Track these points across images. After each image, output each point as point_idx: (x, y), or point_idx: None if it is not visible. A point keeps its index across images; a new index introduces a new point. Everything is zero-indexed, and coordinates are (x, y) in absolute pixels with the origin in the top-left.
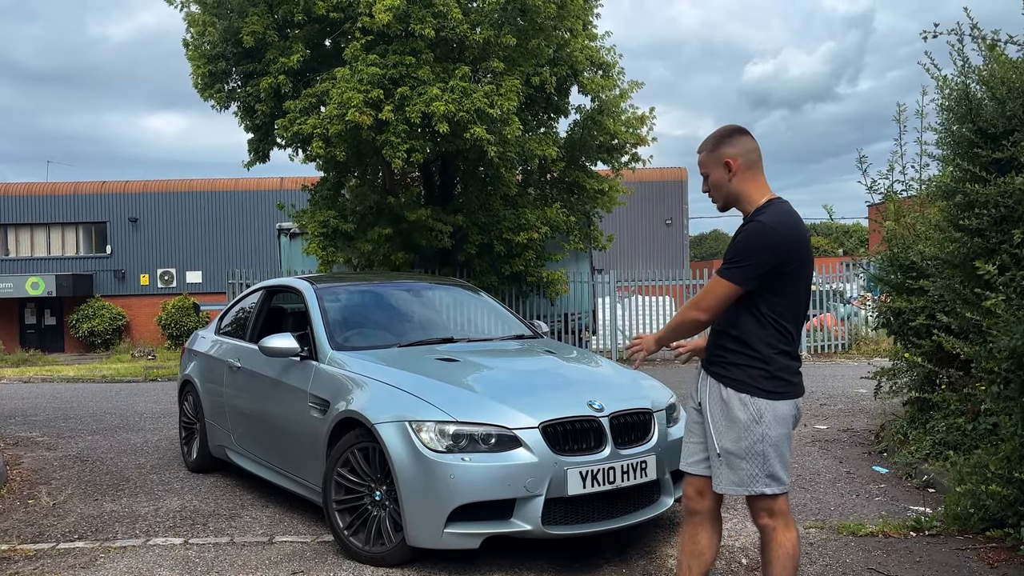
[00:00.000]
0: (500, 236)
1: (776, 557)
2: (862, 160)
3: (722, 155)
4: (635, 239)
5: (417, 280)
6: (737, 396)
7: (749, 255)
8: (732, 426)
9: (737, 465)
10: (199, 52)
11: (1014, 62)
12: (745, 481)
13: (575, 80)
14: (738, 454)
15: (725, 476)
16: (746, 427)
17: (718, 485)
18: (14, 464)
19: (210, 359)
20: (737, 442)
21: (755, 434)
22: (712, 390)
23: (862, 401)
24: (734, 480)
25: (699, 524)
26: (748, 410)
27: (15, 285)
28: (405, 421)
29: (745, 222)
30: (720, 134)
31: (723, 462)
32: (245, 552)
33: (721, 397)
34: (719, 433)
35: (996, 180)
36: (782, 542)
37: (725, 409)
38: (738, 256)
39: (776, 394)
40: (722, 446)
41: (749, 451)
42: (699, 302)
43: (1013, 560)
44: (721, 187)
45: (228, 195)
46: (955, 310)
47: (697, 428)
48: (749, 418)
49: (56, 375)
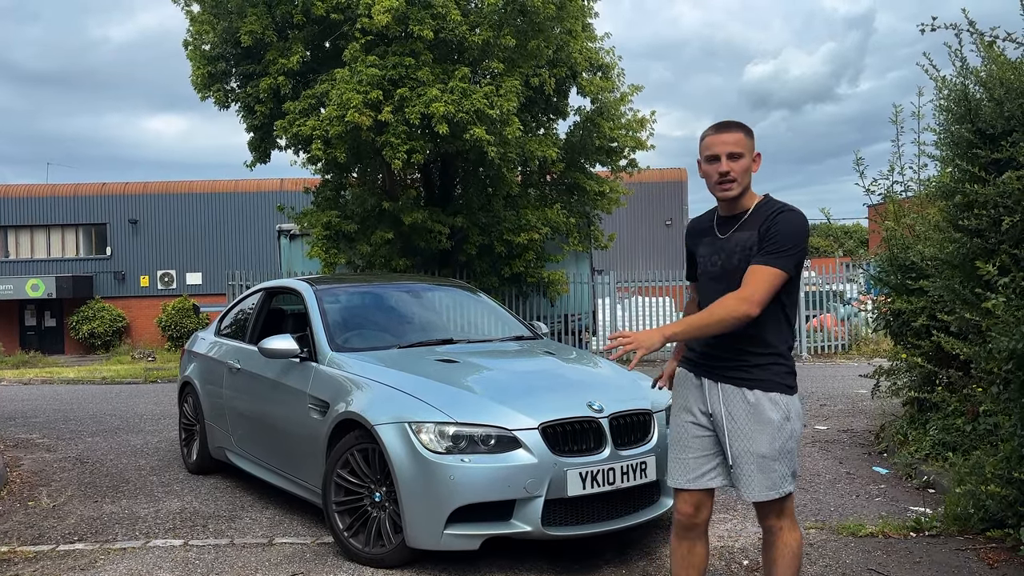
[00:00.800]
0: (500, 237)
1: (781, 556)
2: (859, 162)
3: (755, 145)
4: (635, 240)
5: (416, 281)
6: (767, 396)
7: (797, 243)
8: (764, 428)
9: (771, 468)
10: (199, 52)
11: (1012, 63)
12: (777, 483)
13: (574, 81)
14: (772, 456)
15: (758, 482)
16: (779, 427)
17: (751, 493)
18: (14, 466)
19: (210, 361)
20: (771, 444)
21: (786, 432)
22: (731, 396)
23: (862, 402)
24: (767, 484)
25: (696, 538)
26: (780, 408)
27: (15, 287)
28: (405, 422)
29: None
30: (750, 127)
31: (756, 468)
32: (245, 554)
33: (747, 401)
34: (750, 439)
35: (995, 180)
36: (788, 542)
37: (755, 412)
38: (788, 244)
39: (794, 389)
40: (756, 451)
41: (782, 451)
42: (751, 295)
43: (1013, 560)
44: (747, 173)
45: (228, 197)
46: (955, 310)
47: (698, 443)
48: (782, 416)
49: (56, 377)
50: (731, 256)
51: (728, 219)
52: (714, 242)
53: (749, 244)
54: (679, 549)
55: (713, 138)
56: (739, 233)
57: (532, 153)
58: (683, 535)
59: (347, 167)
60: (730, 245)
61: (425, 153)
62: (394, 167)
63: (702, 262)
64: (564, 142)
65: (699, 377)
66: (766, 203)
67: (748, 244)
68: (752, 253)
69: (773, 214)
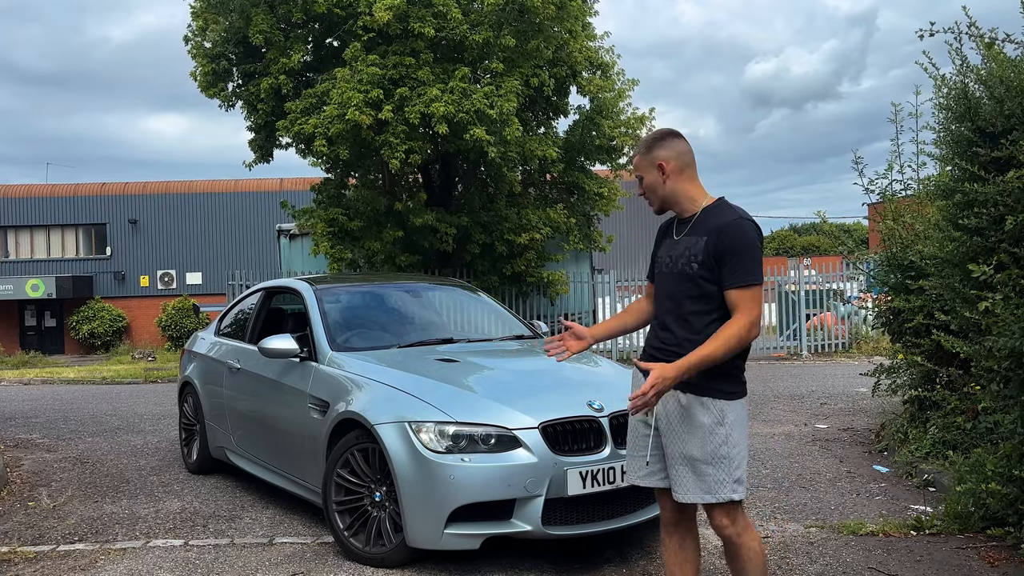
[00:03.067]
0: (502, 237)
1: (748, 560)
2: (857, 161)
3: (655, 158)
4: (635, 239)
5: (416, 281)
6: (698, 400)
7: (756, 253)
8: (695, 431)
9: (703, 472)
10: (202, 50)
11: (1012, 61)
12: (712, 488)
13: (574, 81)
14: (703, 460)
15: (692, 484)
16: (710, 431)
17: (683, 494)
18: (14, 466)
19: (210, 360)
20: (702, 447)
21: (719, 437)
22: (667, 398)
23: (862, 400)
24: (701, 488)
25: (685, 532)
26: (711, 413)
27: (15, 287)
28: (405, 422)
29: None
30: (653, 137)
31: (688, 470)
32: (245, 554)
33: (680, 403)
34: (682, 441)
35: (995, 179)
36: (751, 545)
37: (686, 415)
38: (753, 257)
39: (733, 394)
40: (686, 453)
41: (715, 456)
42: (753, 320)
43: (1013, 559)
44: (656, 189)
45: (228, 196)
46: (954, 309)
47: (644, 440)
48: (713, 421)
49: (56, 377)
50: (678, 259)
51: (682, 222)
52: (670, 243)
53: (695, 250)
54: (670, 543)
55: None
56: (688, 237)
57: (532, 153)
58: (671, 530)
59: (350, 165)
60: (679, 248)
61: (425, 153)
62: (392, 167)
63: (659, 262)
64: (564, 141)
65: (645, 377)
66: (715, 209)
67: (694, 250)
68: (695, 260)
69: (720, 228)
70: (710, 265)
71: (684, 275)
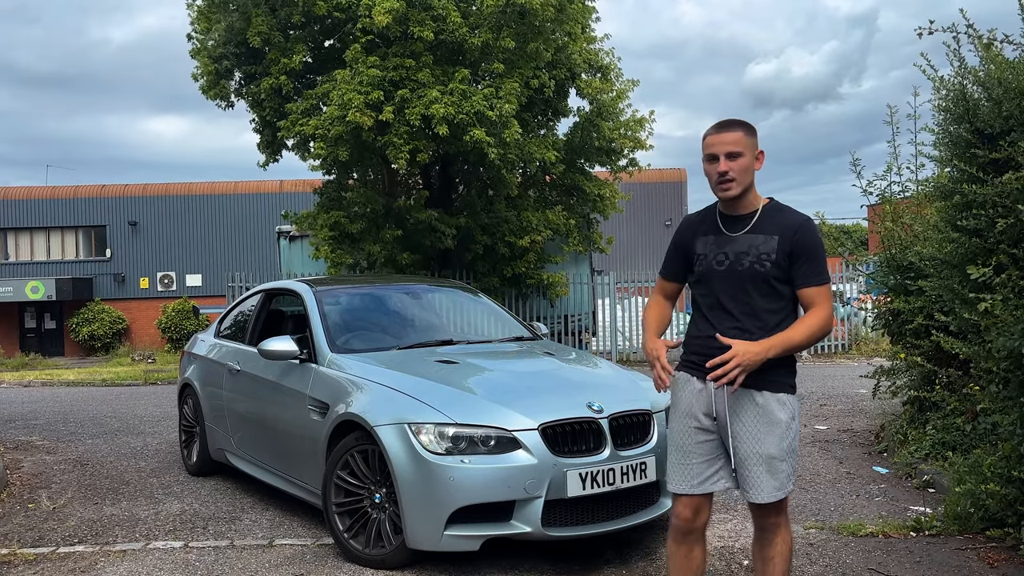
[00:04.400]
0: (503, 238)
1: (779, 553)
2: (856, 162)
3: (757, 143)
4: (635, 240)
5: (416, 282)
6: (775, 397)
7: (824, 252)
8: (774, 429)
9: (778, 468)
10: (205, 51)
11: (1010, 62)
12: (783, 483)
13: (573, 83)
14: (780, 456)
15: (767, 484)
16: (787, 427)
17: (760, 495)
18: (14, 468)
19: (210, 362)
20: (779, 444)
21: (793, 432)
22: (739, 398)
23: (862, 401)
24: (775, 485)
25: (695, 542)
26: (787, 409)
27: (15, 289)
28: (404, 423)
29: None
30: (752, 125)
31: (764, 469)
32: (245, 555)
33: (756, 402)
34: (758, 441)
35: (993, 180)
36: (786, 538)
37: (764, 414)
38: (824, 256)
39: (795, 388)
40: (764, 452)
41: (788, 450)
42: (831, 313)
43: (1013, 560)
44: (748, 173)
45: (227, 198)
46: (953, 310)
47: (702, 448)
48: (789, 416)
49: (56, 379)
50: (741, 256)
51: (735, 218)
52: (720, 239)
53: (766, 249)
54: (677, 553)
55: (713, 138)
56: (751, 235)
57: (531, 155)
58: (681, 539)
59: (349, 166)
60: (740, 245)
61: (428, 153)
62: (398, 167)
63: (705, 258)
64: (564, 143)
65: (703, 380)
66: (776, 208)
67: (764, 249)
68: (767, 259)
69: (795, 228)
70: (783, 264)
71: (753, 273)
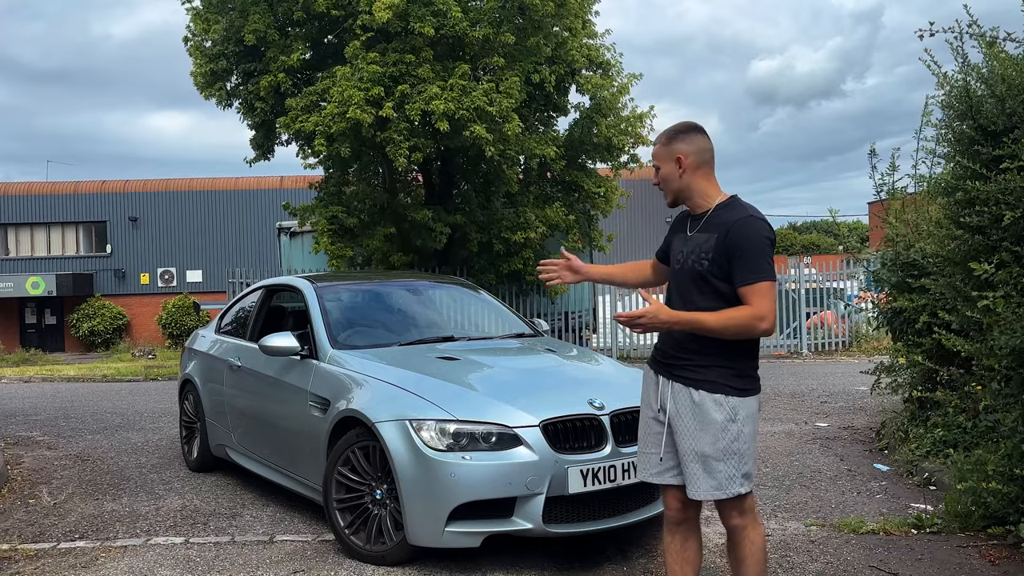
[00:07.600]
0: (499, 235)
1: (750, 554)
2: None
3: (674, 151)
4: (635, 237)
5: (417, 279)
6: (711, 397)
7: (767, 250)
8: (707, 428)
9: (714, 468)
10: (201, 50)
11: (1013, 59)
12: (723, 484)
13: (573, 79)
14: (715, 456)
15: (704, 482)
16: (723, 427)
17: (695, 492)
18: (15, 464)
19: (210, 358)
20: (714, 444)
21: (731, 433)
22: (679, 394)
23: (863, 399)
24: (712, 484)
25: (688, 532)
26: (724, 410)
27: (15, 285)
28: (406, 420)
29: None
30: (676, 129)
31: (700, 467)
32: (246, 551)
33: (692, 400)
34: (694, 438)
35: (996, 177)
36: (754, 539)
37: (699, 412)
38: (761, 253)
39: (746, 391)
40: (699, 450)
41: (727, 452)
42: (760, 314)
43: (1014, 557)
44: (670, 181)
45: (228, 194)
46: (956, 308)
47: (656, 438)
48: (725, 418)
49: (57, 375)
50: (688, 256)
51: (694, 218)
52: (681, 238)
53: (705, 248)
54: (672, 543)
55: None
56: (700, 234)
57: (531, 151)
58: (674, 530)
59: (348, 162)
60: (691, 245)
61: (427, 150)
62: (398, 164)
63: (672, 255)
64: (564, 139)
65: (657, 375)
66: (727, 206)
67: (705, 248)
68: (705, 258)
69: (729, 226)
70: (721, 262)
71: (695, 272)
